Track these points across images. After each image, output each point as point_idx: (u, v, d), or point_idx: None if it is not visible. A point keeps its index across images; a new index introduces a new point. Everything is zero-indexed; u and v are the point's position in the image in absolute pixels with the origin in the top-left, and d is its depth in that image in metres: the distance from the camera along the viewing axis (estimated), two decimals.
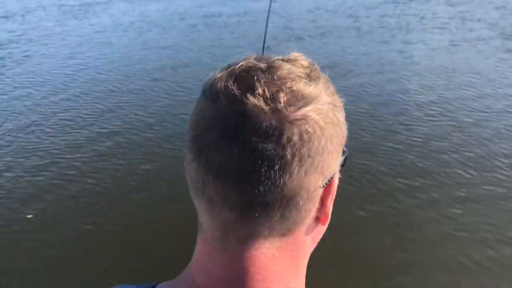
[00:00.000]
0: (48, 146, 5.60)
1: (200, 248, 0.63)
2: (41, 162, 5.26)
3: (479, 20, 11.10)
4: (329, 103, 0.57)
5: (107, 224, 4.26)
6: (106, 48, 10.18)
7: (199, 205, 0.60)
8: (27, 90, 7.56)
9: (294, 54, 0.60)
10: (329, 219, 0.64)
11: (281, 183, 0.54)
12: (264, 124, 0.52)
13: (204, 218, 0.60)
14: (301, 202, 0.56)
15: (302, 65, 0.58)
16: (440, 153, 5.18)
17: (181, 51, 9.74)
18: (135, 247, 3.98)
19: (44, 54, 9.83)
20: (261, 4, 14.19)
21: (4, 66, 9.07)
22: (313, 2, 14.23)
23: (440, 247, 3.82)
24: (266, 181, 0.53)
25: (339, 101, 0.60)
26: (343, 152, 0.62)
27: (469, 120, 5.96)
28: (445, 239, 3.90)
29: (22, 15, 14.44)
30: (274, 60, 0.57)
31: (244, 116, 0.52)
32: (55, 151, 5.49)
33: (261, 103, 0.53)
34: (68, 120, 6.31)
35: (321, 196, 0.59)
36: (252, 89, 0.53)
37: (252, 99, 0.53)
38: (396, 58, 8.70)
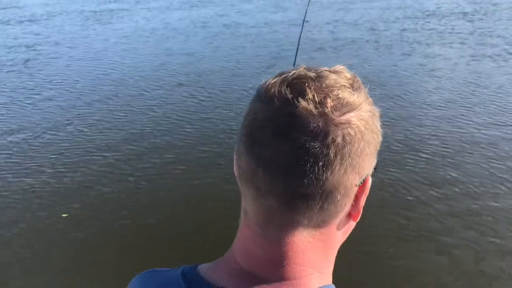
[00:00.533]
0: (85, 145, 5.78)
1: (243, 233, 0.70)
2: (77, 160, 5.44)
3: (498, 36, 11.23)
4: (369, 111, 0.64)
5: (143, 220, 4.40)
6: (131, 53, 10.41)
7: (247, 193, 0.67)
8: (59, 90, 7.78)
9: (339, 67, 0.68)
10: (359, 216, 0.70)
11: (323, 178, 0.60)
12: (312, 125, 0.59)
13: (250, 205, 0.67)
14: (338, 197, 0.63)
15: (346, 76, 0.65)
16: (468, 164, 5.30)
17: (204, 58, 9.95)
18: (173, 243, 4.11)
19: (71, 57, 10.08)
20: (279, 15, 14.46)
21: (34, 67, 9.32)
22: (332, 15, 14.42)
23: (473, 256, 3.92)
24: (310, 175, 0.60)
25: (376, 111, 0.67)
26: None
27: (497, 134, 6.07)
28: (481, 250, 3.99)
29: (46, 19, 14.76)
30: (322, 71, 0.65)
31: (295, 117, 0.60)
32: (91, 150, 5.67)
33: (310, 106, 0.60)
34: (102, 120, 6.50)
35: (356, 194, 0.66)
36: (303, 94, 0.61)
37: (302, 103, 0.60)
38: (418, 71, 8.84)
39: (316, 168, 0.59)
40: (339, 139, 0.60)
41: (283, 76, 0.64)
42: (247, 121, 0.65)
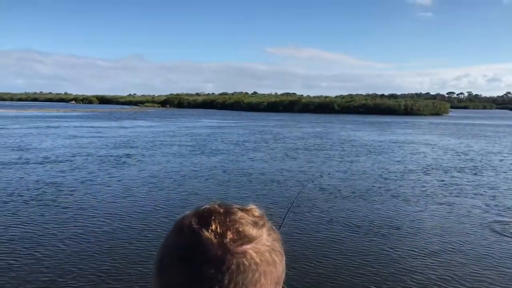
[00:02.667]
0: None
1: None
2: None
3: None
4: (268, 246, 0.69)
5: None
6: (159, 192, 11.21)
7: None
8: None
9: (251, 206, 0.75)
10: None
11: None
12: (211, 253, 0.65)
13: None
14: None
15: (253, 214, 0.72)
16: None
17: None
18: None
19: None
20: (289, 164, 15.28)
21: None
22: (345, 170, 15.33)
23: None
24: None
25: (278, 247, 0.72)
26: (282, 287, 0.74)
27: None
28: None
29: (66, 161, 15.90)
30: (233, 208, 0.72)
31: (198, 245, 0.66)
32: None
33: (211, 236, 0.66)
34: None
35: None
36: (207, 226, 0.67)
37: (206, 233, 0.66)
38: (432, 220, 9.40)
39: None
40: (233, 267, 0.65)
41: (197, 209, 0.72)
42: (160, 247, 0.72)
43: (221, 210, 0.71)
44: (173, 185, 12.30)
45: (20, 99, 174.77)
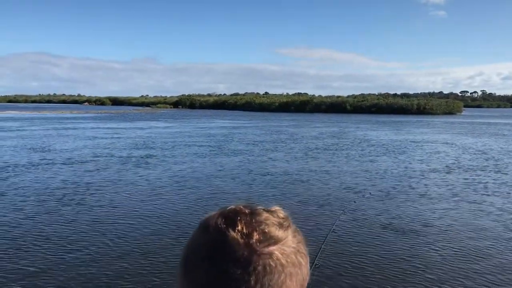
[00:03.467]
0: None
1: None
2: None
3: None
4: (293, 247, 0.70)
5: None
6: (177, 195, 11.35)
7: None
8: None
9: (276, 207, 0.75)
10: None
11: None
12: (237, 254, 0.65)
13: None
14: None
15: (278, 215, 0.72)
16: None
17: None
18: None
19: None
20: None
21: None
22: (367, 170, 15.32)
23: None
24: None
25: (303, 249, 0.72)
26: None
27: None
28: None
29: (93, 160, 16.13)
30: (257, 208, 0.72)
31: (224, 245, 0.66)
32: None
33: (238, 237, 0.66)
34: None
35: None
36: (233, 226, 0.67)
37: (232, 233, 0.66)
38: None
39: None
40: (259, 268, 0.65)
41: (222, 210, 0.73)
42: (186, 247, 0.72)
43: (246, 211, 0.71)
44: (199, 185, 12.41)
45: (34, 101, 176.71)
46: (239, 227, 0.67)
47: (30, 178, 13.11)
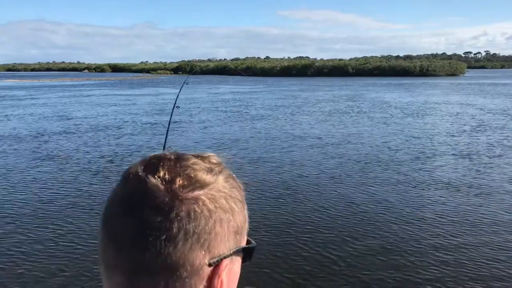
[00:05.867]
0: None
1: None
2: None
3: None
4: (224, 192, 0.65)
5: None
6: None
7: (100, 269, 0.66)
8: None
9: (209, 153, 0.70)
10: None
11: (166, 252, 0.59)
12: (158, 200, 0.60)
13: (104, 282, 0.66)
14: (184, 274, 0.61)
15: (210, 161, 0.68)
16: None
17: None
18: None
19: None
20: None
21: None
22: (396, 132, 15.17)
23: None
24: (153, 249, 0.59)
25: (238, 195, 0.68)
26: (248, 242, 0.70)
27: None
28: None
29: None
30: (185, 154, 0.67)
31: (144, 193, 0.61)
32: None
33: (158, 183, 0.61)
34: None
35: (209, 275, 0.63)
36: (154, 173, 0.62)
37: (152, 180, 0.61)
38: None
39: (158, 241, 0.59)
40: (183, 214, 0.60)
41: (144, 157, 0.68)
42: (107, 199, 0.66)
43: (172, 157, 0.66)
44: (236, 149, 12.52)
45: (34, 69, 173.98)
46: (161, 173, 0.62)
47: (67, 144, 13.19)
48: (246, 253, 0.70)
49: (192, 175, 0.63)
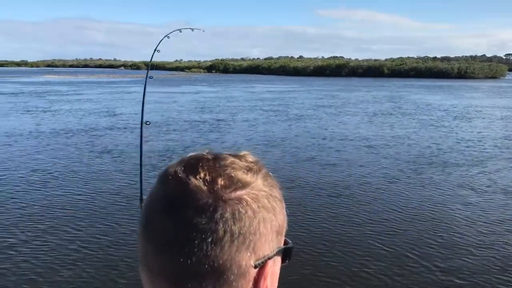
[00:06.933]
0: None
1: None
2: None
3: None
4: (265, 191, 0.63)
5: None
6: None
7: (142, 275, 0.64)
8: None
9: (244, 152, 0.68)
10: None
11: (213, 255, 0.57)
12: (201, 202, 0.58)
13: (145, 287, 0.64)
14: (232, 277, 0.59)
15: (246, 160, 0.65)
16: None
17: None
18: None
19: None
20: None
21: None
22: (447, 136, 14.90)
23: None
24: (199, 252, 0.57)
25: (277, 193, 0.66)
26: (285, 243, 0.67)
27: None
28: None
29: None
30: (222, 154, 0.65)
31: (185, 194, 0.59)
32: None
33: (200, 184, 0.59)
34: None
35: (255, 278, 0.61)
36: (195, 173, 0.60)
37: (193, 181, 0.59)
38: None
39: (204, 244, 0.57)
40: (227, 215, 0.58)
41: (182, 158, 0.66)
42: (144, 203, 0.65)
43: (209, 157, 0.64)
44: (283, 148, 12.57)
45: (71, 66, 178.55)
46: (202, 174, 0.60)
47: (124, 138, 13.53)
48: (286, 253, 0.67)
49: (233, 175, 0.61)
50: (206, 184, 0.59)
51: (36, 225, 6.57)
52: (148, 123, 5.01)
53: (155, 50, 5.44)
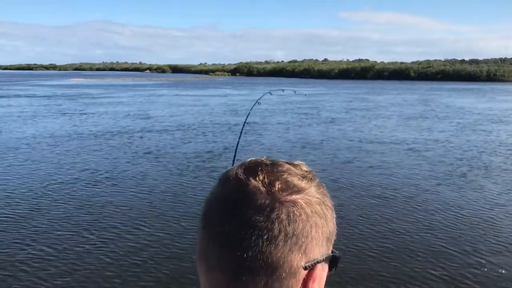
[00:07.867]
0: None
1: None
2: None
3: None
4: (318, 198, 0.66)
5: None
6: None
7: (200, 268, 0.68)
8: None
9: (298, 161, 0.71)
10: None
11: (267, 252, 0.61)
12: (259, 201, 0.62)
13: (202, 280, 0.68)
14: (283, 275, 0.62)
15: (301, 168, 0.69)
16: None
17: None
18: None
19: None
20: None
21: None
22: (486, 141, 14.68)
23: None
24: (254, 248, 0.61)
25: (329, 202, 0.69)
26: (333, 251, 0.70)
27: None
28: None
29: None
30: (279, 161, 0.69)
31: (245, 194, 0.63)
32: None
33: (259, 185, 0.63)
34: None
35: (304, 279, 0.64)
36: (254, 176, 0.64)
37: (253, 182, 0.64)
38: None
39: (261, 241, 0.61)
40: (283, 216, 0.62)
41: (242, 162, 0.70)
42: (205, 201, 0.69)
43: (268, 162, 0.68)
44: (320, 151, 12.54)
45: (98, 69, 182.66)
46: (261, 177, 0.64)
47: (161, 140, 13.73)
48: (333, 262, 0.69)
49: (289, 180, 0.65)
50: (265, 186, 0.63)
51: (105, 225, 6.73)
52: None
53: (256, 102, 5.60)
